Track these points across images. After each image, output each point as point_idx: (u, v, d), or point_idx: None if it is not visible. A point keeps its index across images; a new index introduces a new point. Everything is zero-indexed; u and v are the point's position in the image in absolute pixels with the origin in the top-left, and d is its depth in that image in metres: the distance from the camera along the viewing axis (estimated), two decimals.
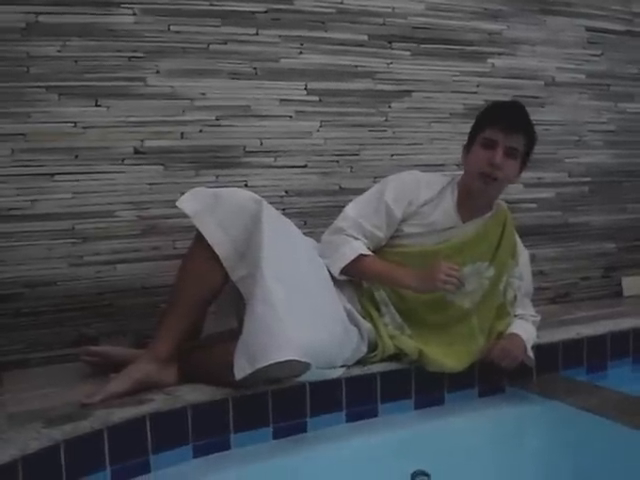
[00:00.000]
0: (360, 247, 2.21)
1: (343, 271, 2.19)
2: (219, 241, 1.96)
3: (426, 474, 1.80)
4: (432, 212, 2.27)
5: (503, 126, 2.18)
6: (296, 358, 1.80)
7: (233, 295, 2.02)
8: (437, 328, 2.28)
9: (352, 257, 2.18)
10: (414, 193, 2.27)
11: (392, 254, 2.27)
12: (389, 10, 2.98)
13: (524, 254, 2.47)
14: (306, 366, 1.88)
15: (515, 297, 2.40)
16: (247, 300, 1.94)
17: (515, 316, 2.40)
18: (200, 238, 1.98)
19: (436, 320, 2.28)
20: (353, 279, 2.26)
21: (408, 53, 3.04)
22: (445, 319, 2.29)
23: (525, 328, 2.36)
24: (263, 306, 1.85)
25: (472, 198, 2.27)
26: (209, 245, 1.96)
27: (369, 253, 2.22)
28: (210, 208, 1.98)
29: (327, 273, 2.18)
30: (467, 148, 2.29)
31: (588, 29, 3.47)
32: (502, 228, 2.34)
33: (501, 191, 2.31)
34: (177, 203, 2.03)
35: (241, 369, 1.82)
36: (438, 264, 2.10)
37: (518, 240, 2.44)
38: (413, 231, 2.27)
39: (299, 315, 1.87)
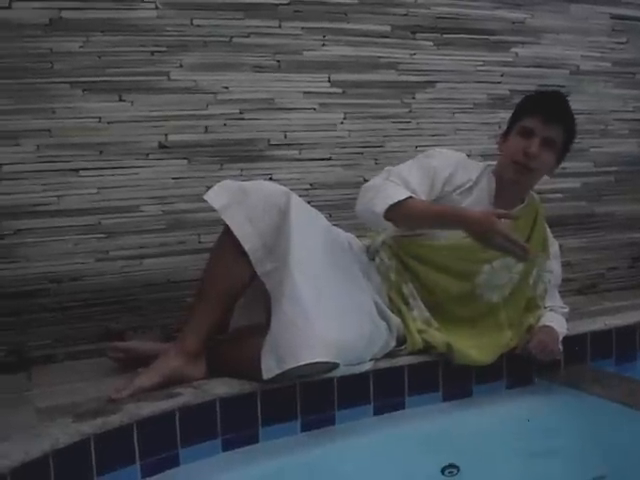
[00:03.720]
0: (408, 192, 2.06)
1: (388, 211, 2.01)
2: (247, 234, 1.94)
3: (456, 466, 1.80)
4: (464, 202, 2.20)
5: (542, 115, 2.15)
6: (325, 359, 1.80)
7: (262, 289, 2.00)
8: (465, 321, 2.26)
9: (401, 197, 2.02)
10: (453, 170, 2.20)
11: (419, 246, 2.24)
12: (412, 0, 2.96)
13: (555, 246, 2.45)
14: (335, 365, 1.87)
15: (545, 290, 2.38)
16: (272, 295, 1.92)
17: (545, 308, 2.39)
18: (228, 232, 1.97)
19: (464, 314, 2.26)
20: (396, 224, 2.13)
21: (431, 43, 3.01)
22: (473, 313, 2.27)
23: (557, 320, 2.35)
24: (291, 304, 1.84)
25: (505, 189, 2.23)
26: (237, 239, 1.94)
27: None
28: (238, 201, 1.96)
29: (356, 266, 2.16)
30: (504, 136, 2.26)
31: (613, 17, 3.42)
32: (533, 221, 2.32)
33: (534, 183, 2.28)
34: (205, 197, 2.01)
35: (269, 370, 1.82)
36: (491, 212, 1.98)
37: (548, 232, 2.42)
38: None
39: (328, 312, 1.86)
